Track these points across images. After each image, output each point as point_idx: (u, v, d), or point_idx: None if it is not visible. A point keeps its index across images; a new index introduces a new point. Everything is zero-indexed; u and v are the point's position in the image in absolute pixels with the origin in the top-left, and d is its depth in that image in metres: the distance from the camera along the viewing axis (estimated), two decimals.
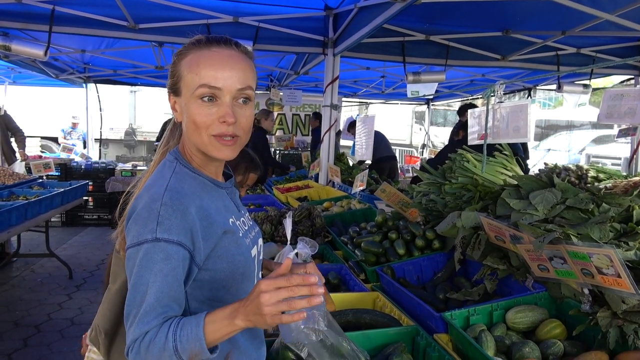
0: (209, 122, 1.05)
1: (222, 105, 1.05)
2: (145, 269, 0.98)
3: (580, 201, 1.78)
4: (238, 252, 1.12)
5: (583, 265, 1.49)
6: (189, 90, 1.06)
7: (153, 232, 0.98)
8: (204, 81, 1.04)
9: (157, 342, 0.95)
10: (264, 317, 0.91)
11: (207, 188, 1.13)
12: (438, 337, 1.62)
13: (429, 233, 2.41)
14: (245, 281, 1.15)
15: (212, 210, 1.09)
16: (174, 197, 1.02)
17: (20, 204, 3.88)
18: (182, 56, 1.09)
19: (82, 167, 7.36)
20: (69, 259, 5.21)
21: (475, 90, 8.55)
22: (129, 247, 1.01)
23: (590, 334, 1.55)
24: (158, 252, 0.98)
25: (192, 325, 0.96)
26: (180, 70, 1.09)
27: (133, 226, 1.02)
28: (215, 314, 0.97)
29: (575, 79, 6.51)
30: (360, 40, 4.01)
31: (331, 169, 4.81)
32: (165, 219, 0.99)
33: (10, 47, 4.40)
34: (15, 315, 3.95)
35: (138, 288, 0.98)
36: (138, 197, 1.07)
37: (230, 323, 0.95)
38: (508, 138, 2.09)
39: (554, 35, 4.78)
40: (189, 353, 0.95)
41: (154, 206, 1.00)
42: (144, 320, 0.96)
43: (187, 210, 1.02)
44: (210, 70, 1.04)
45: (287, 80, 7.95)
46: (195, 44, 1.08)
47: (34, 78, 8.28)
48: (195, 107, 1.05)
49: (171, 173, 1.09)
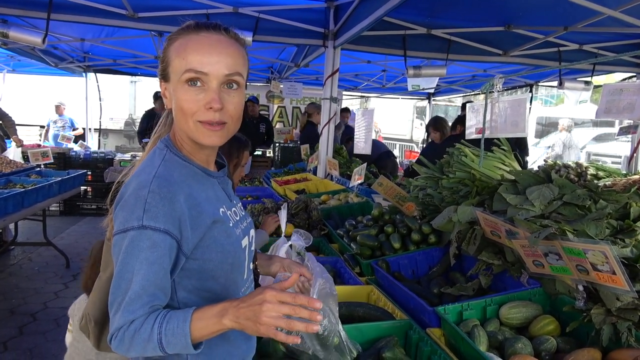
0: (195, 109, 1.03)
1: (209, 90, 1.03)
2: (131, 256, 0.96)
3: (577, 197, 1.77)
4: (228, 242, 1.10)
5: (578, 262, 1.48)
6: (176, 75, 1.05)
7: (139, 220, 0.97)
8: (190, 66, 1.02)
9: (142, 333, 0.94)
10: (257, 326, 0.91)
11: (197, 177, 1.12)
12: (431, 332, 1.62)
13: (425, 227, 2.40)
14: (234, 272, 1.14)
15: (202, 199, 1.07)
16: (162, 184, 1.00)
17: (17, 191, 3.87)
18: (171, 41, 1.08)
19: (81, 156, 7.35)
20: (66, 248, 5.21)
21: (477, 85, 8.50)
22: (115, 233, 1.00)
23: (583, 331, 1.54)
24: (144, 239, 0.96)
25: (178, 320, 0.95)
26: (168, 55, 1.07)
27: (120, 213, 1.01)
28: (203, 311, 0.96)
29: (577, 76, 6.48)
30: (361, 33, 3.97)
31: (330, 162, 4.80)
32: (152, 206, 0.97)
33: (8, 34, 4.36)
34: (12, 304, 3.96)
35: (123, 275, 0.97)
36: (127, 184, 1.06)
37: (218, 322, 0.95)
38: (506, 133, 2.07)
39: (557, 30, 4.74)
40: (173, 347, 0.95)
41: (141, 193, 0.99)
42: (129, 309, 0.95)
43: (175, 198, 1.00)
44: (197, 55, 1.02)
45: (287, 73, 7.91)
46: (185, 29, 1.07)
47: (34, 66, 8.25)
48: (182, 93, 1.04)
49: (160, 161, 1.07)
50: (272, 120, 10.05)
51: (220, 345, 1.13)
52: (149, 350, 0.96)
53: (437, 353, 1.48)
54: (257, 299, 0.91)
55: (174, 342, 0.94)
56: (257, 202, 3.62)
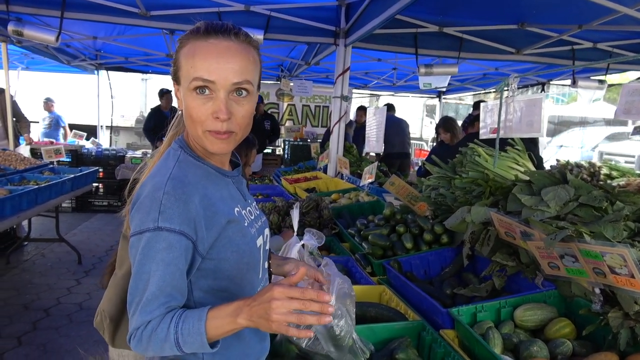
0: (203, 118, 1.03)
1: (216, 100, 1.02)
2: (147, 257, 0.97)
3: (593, 199, 1.74)
4: (243, 241, 1.10)
5: (595, 264, 1.46)
6: (185, 81, 1.04)
7: (155, 221, 0.97)
8: (197, 74, 1.01)
9: (159, 333, 0.95)
10: (269, 323, 0.91)
11: (211, 177, 1.12)
12: (444, 333, 1.61)
13: (437, 227, 2.39)
14: (250, 271, 1.14)
15: (217, 199, 1.07)
16: (177, 186, 1.01)
17: (31, 188, 3.90)
18: (182, 45, 1.07)
19: (93, 153, 7.41)
20: (78, 245, 5.26)
21: (488, 84, 8.44)
22: (132, 235, 1.01)
23: (600, 335, 1.53)
24: (160, 241, 0.97)
25: (194, 320, 0.96)
26: (179, 59, 1.07)
27: (136, 214, 1.01)
28: (218, 310, 0.97)
29: (591, 75, 6.40)
30: (372, 31, 3.96)
31: (340, 161, 4.79)
32: (167, 208, 0.98)
33: (22, 32, 4.41)
34: (25, 299, 4.00)
35: (140, 277, 0.98)
36: (142, 185, 1.07)
37: (233, 321, 0.95)
38: (521, 133, 2.05)
39: (571, 29, 4.68)
40: (190, 346, 0.96)
41: (157, 195, 0.99)
42: (146, 310, 0.96)
43: (190, 199, 1.00)
44: (204, 62, 1.01)
45: (297, 71, 7.91)
46: (194, 33, 1.05)
47: (47, 64, 8.32)
48: (190, 100, 1.03)
49: (175, 162, 1.08)
50: (282, 118, 10.06)
51: (235, 345, 1.13)
52: (166, 350, 0.96)
53: (451, 355, 1.47)
54: (266, 297, 0.91)
55: (190, 342, 0.95)
56: (267, 201, 3.62)
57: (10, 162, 4.89)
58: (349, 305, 1.23)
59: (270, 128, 7.62)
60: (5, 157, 4.95)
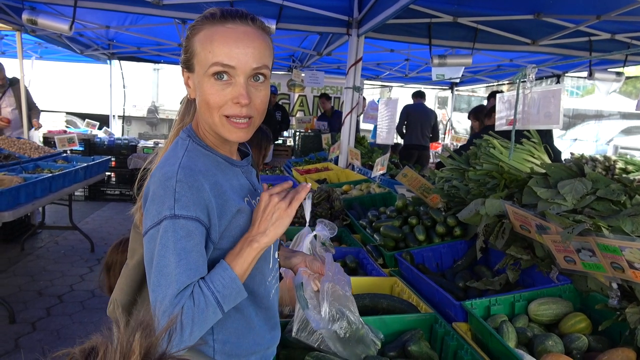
0: (221, 103, 1.01)
1: (236, 85, 1.01)
2: (167, 248, 0.95)
3: (611, 192, 1.71)
4: None
5: (613, 259, 1.43)
6: (202, 67, 1.02)
7: (171, 209, 0.96)
8: (217, 59, 0.99)
9: (199, 305, 0.95)
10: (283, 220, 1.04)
11: (221, 166, 1.10)
12: (457, 326, 1.59)
13: (450, 220, 2.36)
14: (260, 260, 1.13)
15: (227, 188, 1.07)
16: (188, 174, 1.00)
17: (45, 177, 3.94)
18: (195, 31, 1.04)
19: (105, 143, 7.47)
20: (90, 233, 5.32)
21: (502, 76, 8.33)
22: (149, 228, 0.99)
23: (616, 330, 1.50)
24: (178, 229, 0.96)
25: (219, 273, 0.99)
26: (193, 46, 1.04)
27: (151, 206, 1.00)
28: (231, 254, 1.03)
29: (608, 67, 6.28)
30: (385, 21, 3.91)
31: (351, 152, 4.77)
32: (182, 195, 0.97)
33: (36, 21, 4.43)
34: (40, 285, 4.06)
35: (162, 270, 0.95)
36: (151, 176, 1.05)
37: (251, 249, 1.02)
38: (539, 124, 2.01)
39: (588, 19, 4.59)
40: (229, 299, 0.98)
41: (169, 184, 0.98)
42: (177, 300, 0.94)
43: (202, 187, 0.99)
44: (224, 47, 0.99)
45: (309, 61, 7.87)
46: (210, 18, 1.03)
47: (60, 53, 8.37)
48: (208, 86, 1.01)
49: (184, 151, 1.06)
50: (293, 109, 10.04)
51: (246, 334, 1.13)
52: (210, 317, 0.97)
53: (464, 348, 1.46)
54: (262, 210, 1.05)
55: (229, 293, 0.98)
56: None
57: (25, 150, 4.94)
58: (350, 305, 1.22)
59: (281, 119, 7.62)
60: (20, 145, 5.00)
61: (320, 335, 1.25)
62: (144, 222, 1.02)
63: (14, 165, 4.26)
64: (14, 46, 6.84)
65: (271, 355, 1.23)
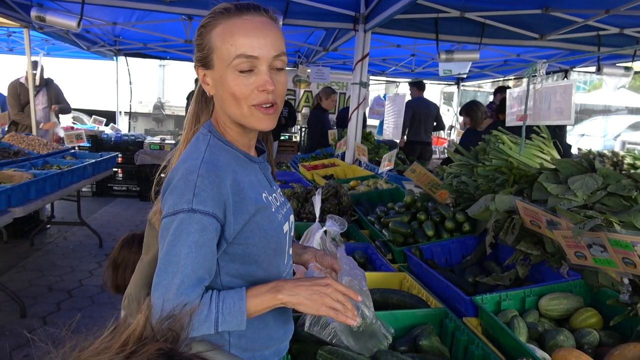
0: (247, 93, 1.03)
1: (260, 74, 1.03)
2: (179, 239, 0.97)
3: (622, 188, 1.71)
4: (270, 227, 1.11)
5: (625, 254, 1.43)
6: (224, 62, 1.03)
7: (189, 203, 0.98)
8: (240, 51, 1.01)
9: (199, 314, 0.97)
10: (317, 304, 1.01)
11: (240, 161, 1.12)
12: (467, 321, 1.60)
13: (459, 215, 2.37)
14: (277, 257, 1.15)
15: (245, 184, 1.08)
16: (210, 169, 1.01)
17: (54, 173, 3.98)
18: (211, 27, 1.05)
19: (112, 139, 7.50)
20: (98, 228, 5.36)
21: (508, 71, 8.27)
22: (165, 216, 1.01)
23: (627, 325, 1.50)
24: (193, 223, 0.97)
25: (234, 299, 0.99)
26: (211, 41, 1.05)
27: (169, 197, 1.02)
28: (256, 289, 1.02)
29: (617, 61, 6.22)
30: (393, 16, 3.89)
31: (358, 148, 4.76)
32: (201, 190, 0.98)
33: (45, 18, 4.45)
34: (49, 280, 4.11)
35: (171, 258, 0.98)
36: (174, 169, 1.07)
37: (273, 297, 1.01)
38: (550, 120, 2.00)
39: (597, 14, 4.54)
40: (227, 325, 0.97)
41: (191, 177, 0.99)
42: (181, 291, 0.96)
43: (223, 183, 1.01)
44: (245, 39, 1.01)
45: (315, 57, 7.85)
46: (224, 12, 1.05)
47: (67, 50, 8.41)
48: (233, 79, 1.03)
49: (206, 146, 1.08)
50: (299, 104, 10.03)
51: (261, 329, 1.15)
52: (201, 330, 0.98)
53: (475, 342, 1.47)
54: (321, 282, 1.04)
55: (230, 320, 0.98)
56: (285, 187, 3.63)
57: (34, 146, 4.98)
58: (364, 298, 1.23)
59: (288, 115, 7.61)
60: (29, 141, 5.04)
61: (333, 330, 1.26)
62: (162, 209, 1.04)
63: (23, 162, 4.30)
64: (22, 43, 6.87)
65: (285, 350, 1.25)
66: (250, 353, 1.13)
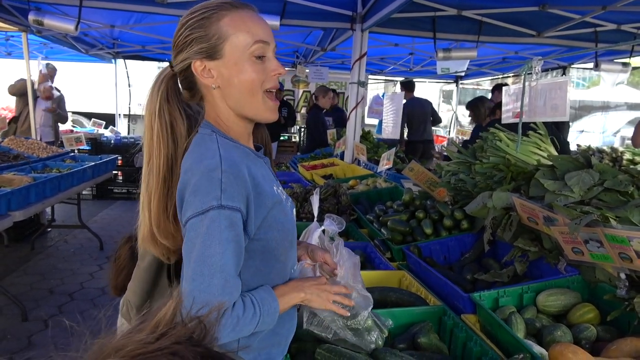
0: (263, 77, 1.07)
1: (271, 59, 1.09)
2: (213, 238, 0.95)
3: (619, 183, 1.71)
4: (285, 220, 1.12)
5: (621, 249, 1.44)
6: (239, 49, 1.04)
7: (218, 199, 0.96)
8: (258, 37, 1.05)
9: (247, 317, 0.99)
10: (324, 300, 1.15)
11: (250, 157, 1.12)
12: (466, 318, 1.61)
13: (457, 213, 2.37)
14: (292, 249, 1.17)
15: (260, 178, 1.07)
16: (232, 164, 1.00)
17: (54, 176, 3.99)
18: (216, 17, 1.05)
19: (112, 142, 7.51)
20: (99, 231, 5.37)
21: (507, 68, 8.28)
22: (191, 217, 0.98)
23: (624, 320, 1.51)
24: (223, 219, 0.96)
25: (269, 301, 1.03)
26: (220, 30, 1.04)
27: (193, 198, 0.98)
28: (280, 288, 1.09)
29: (614, 57, 6.23)
30: (390, 15, 3.90)
31: (357, 147, 4.77)
32: (228, 186, 0.97)
33: (42, 21, 4.47)
34: (50, 283, 4.11)
35: (207, 259, 0.95)
36: (186, 172, 1.03)
37: (297, 295, 1.10)
38: (545, 116, 2.01)
39: (594, 10, 4.54)
40: (263, 326, 1.01)
41: (214, 175, 0.98)
42: (227, 291, 0.96)
43: (245, 178, 1.01)
44: (258, 27, 1.06)
45: (313, 57, 7.86)
46: (225, 6, 1.07)
47: (65, 53, 8.42)
48: (251, 65, 1.05)
49: (216, 144, 1.06)
50: (297, 105, 10.04)
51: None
52: (243, 333, 0.99)
53: (473, 339, 1.47)
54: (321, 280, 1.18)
55: (267, 322, 1.02)
56: (285, 187, 3.63)
57: (34, 150, 4.99)
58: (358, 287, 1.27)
59: (287, 115, 7.62)
60: (29, 145, 5.05)
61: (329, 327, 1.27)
62: (184, 214, 1.00)
63: (23, 165, 4.31)
64: (20, 47, 6.88)
65: (287, 347, 1.25)
66: (256, 352, 1.13)
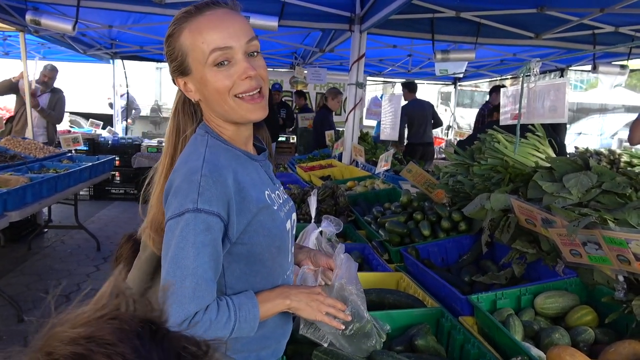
0: (230, 84, 1.03)
1: (238, 62, 1.03)
2: (187, 241, 0.96)
3: (617, 185, 1.71)
4: (273, 225, 1.11)
5: (619, 252, 1.44)
6: (200, 61, 1.03)
7: (194, 202, 0.97)
8: (213, 45, 1.01)
9: (220, 321, 0.97)
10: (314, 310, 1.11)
11: (241, 160, 1.11)
12: (463, 320, 1.60)
13: (455, 215, 2.37)
14: (280, 255, 1.15)
15: (246, 183, 1.07)
16: (213, 169, 1.01)
17: (51, 176, 3.97)
18: (177, 33, 1.05)
19: (109, 142, 7.49)
20: (96, 232, 5.35)
21: (505, 70, 8.29)
22: (170, 218, 1.00)
23: (623, 323, 1.51)
24: (199, 223, 0.97)
25: (249, 306, 1.01)
26: (182, 47, 1.05)
27: (173, 200, 1.01)
28: (265, 295, 1.06)
29: (612, 60, 6.24)
30: (388, 17, 3.90)
31: (355, 149, 4.77)
32: (206, 190, 0.98)
33: (40, 21, 4.45)
34: (47, 284, 4.09)
35: (180, 261, 0.96)
36: (174, 171, 1.06)
37: (282, 302, 1.06)
38: (544, 118, 2.01)
39: (592, 12, 4.55)
40: (240, 332, 0.99)
41: (194, 178, 0.99)
42: (199, 294, 0.95)
43: (226, 183, 1.01)
44: (215, 32, 1.01)
45: (311, 58, 7.86)
46: (187, 15, 1.04)
47: (63, 53, 8.39)
48: (213, 75, 1.02)
49: (205, 146, 1.07)
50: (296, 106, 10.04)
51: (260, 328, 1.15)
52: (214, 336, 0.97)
53: (471, 341, 1.47)
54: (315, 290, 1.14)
55: (244, 327, 1.00)
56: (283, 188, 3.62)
57: (30, 150, 4.97)
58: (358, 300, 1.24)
59: (286, 116, 7.62)
60: (25, 145, 5.03)
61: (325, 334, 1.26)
62: (165, 214, 1.03)
63: (19, 166, 4.29)
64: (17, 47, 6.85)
65: (281, 350, 1.24)
66: (246, 354, 1.13)
